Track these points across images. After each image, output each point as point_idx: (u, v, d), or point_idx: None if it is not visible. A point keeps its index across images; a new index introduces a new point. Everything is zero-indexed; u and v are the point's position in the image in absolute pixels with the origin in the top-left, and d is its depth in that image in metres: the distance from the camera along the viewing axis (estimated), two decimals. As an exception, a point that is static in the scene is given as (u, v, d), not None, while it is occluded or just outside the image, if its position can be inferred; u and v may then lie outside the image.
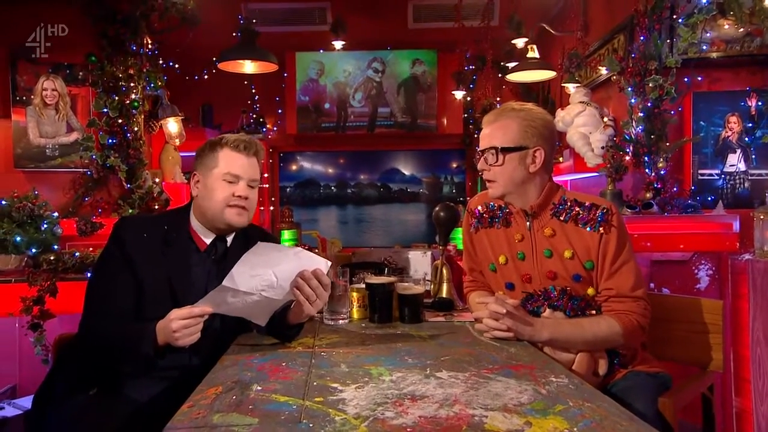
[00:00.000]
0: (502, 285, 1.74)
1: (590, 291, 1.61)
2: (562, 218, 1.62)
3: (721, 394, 2.48)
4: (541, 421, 0.96)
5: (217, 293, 1.39)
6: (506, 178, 1.63)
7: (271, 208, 5.52)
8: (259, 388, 1.16)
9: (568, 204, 1.63)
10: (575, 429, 0.92)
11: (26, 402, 2.63)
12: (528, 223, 1.66)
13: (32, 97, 2.99)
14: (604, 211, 1.59)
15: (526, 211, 1.66)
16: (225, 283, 1.39)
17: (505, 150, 1.61)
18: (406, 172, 5.75)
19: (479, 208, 1.79)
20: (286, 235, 4.82)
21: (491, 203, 1.76)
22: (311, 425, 0.95)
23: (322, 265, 1.47)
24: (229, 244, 1.64)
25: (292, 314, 1.53)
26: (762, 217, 2.32)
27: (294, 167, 5.75)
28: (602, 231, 1.57)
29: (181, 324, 1.34)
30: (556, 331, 1.51)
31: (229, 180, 1.57)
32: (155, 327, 1.37)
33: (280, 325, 1.54)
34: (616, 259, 1.56)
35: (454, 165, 5.71)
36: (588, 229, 1.58)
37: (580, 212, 1.60)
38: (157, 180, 3.19)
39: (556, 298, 1.59)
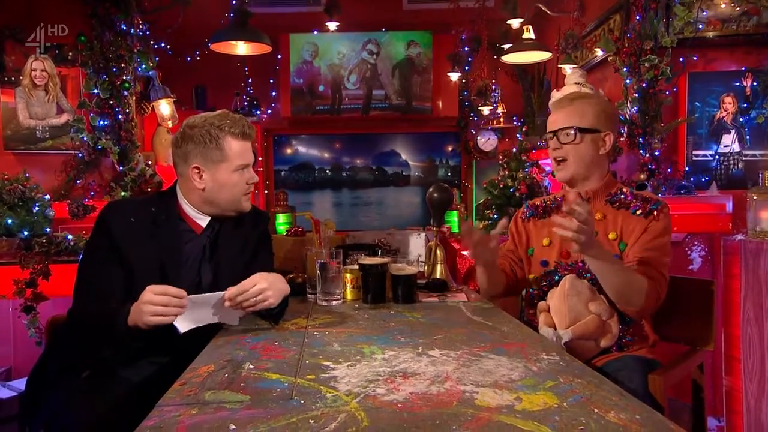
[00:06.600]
0: (537, 265, 1.81)
1: None
2: (615, 206, 1.71)
3: (711, 373, 2.50)
4: (531, 396, 0.96)
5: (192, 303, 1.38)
6: (578, 157, 1.70)
7: (266, 191, 5.49)
8: (251, 366, 1.16)
9: (623, 195, 1.71)
10: (565, 404, 0.93)
11: (21, 384, 2.64)
12: None
13: (21, 77, 2.95)
14: (658, 203, 1.67)
15: (582, 195, 1.74)
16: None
17: (582, 130, 1.68)
18: (401, 155, 5.73)
19: (537, 202, 1.90)
20: (281, 218, 4.80)
21: (546, 200, 1.87)
22: (303, 402, 0.95)
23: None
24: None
25: None
26: (755, 197, 2.32)
27: (288, 150, 5.71)
28: (651, 218, 1.64)
29: (156, 301, 1.31)
30: (601, 252, 1.52)
31: (240, 170, 1.58)
32: (129, 308, 1.35)
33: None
34: (656, 238, 1.62)
35: (450, 148, 5.68)
36: (638, 214, 1.66)
37: (634, 201, 1.69)
38: (149, 162, 3.17)
39: (585, 268, 1.63)
